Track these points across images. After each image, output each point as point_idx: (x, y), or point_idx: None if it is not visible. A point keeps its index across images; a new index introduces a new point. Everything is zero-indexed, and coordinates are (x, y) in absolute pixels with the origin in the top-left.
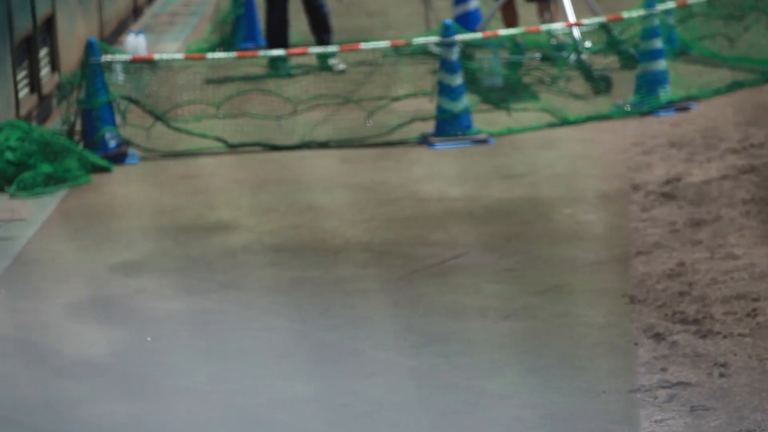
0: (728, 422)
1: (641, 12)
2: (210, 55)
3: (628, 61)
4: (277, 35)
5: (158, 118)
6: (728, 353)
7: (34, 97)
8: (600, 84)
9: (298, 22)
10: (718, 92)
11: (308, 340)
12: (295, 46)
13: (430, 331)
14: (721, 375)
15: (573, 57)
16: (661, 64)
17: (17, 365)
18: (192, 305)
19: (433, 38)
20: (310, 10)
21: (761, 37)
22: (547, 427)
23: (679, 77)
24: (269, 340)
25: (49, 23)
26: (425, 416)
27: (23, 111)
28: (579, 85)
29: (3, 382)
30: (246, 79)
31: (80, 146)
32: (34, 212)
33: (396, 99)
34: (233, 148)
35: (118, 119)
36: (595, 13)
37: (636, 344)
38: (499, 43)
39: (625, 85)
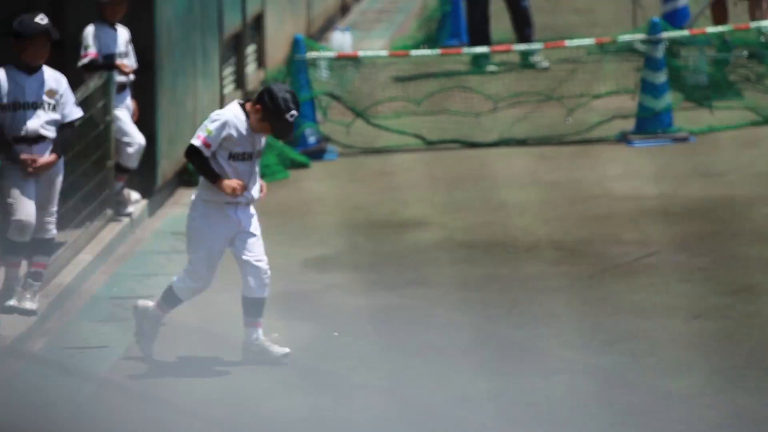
0: None
1: None
2: (414, 52)
3: None
4: (479, 32)
5: (359, 114)
6: None
7: (239, 94)
8: None
9: (503, 19)
10: None
11: (494, 337)
12: (499, 43)
13: (617, 329)
14: None
15: None
16: None
17: (203, 358)
18: (380, 301)
19: (639, 35)
20: (512, 5)
21: None
22: (732, 428)
23: None
24: (454, 337)
25: (258, 21)
26: (607, 415)
27: None
28: None
29: (190, 375)
30: (448, 75)
31: (280, 142)
32: None
33: (597, 96)
34: (431, 144)
35: (319, 116)
36: None
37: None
38: (706, 40)
39: None
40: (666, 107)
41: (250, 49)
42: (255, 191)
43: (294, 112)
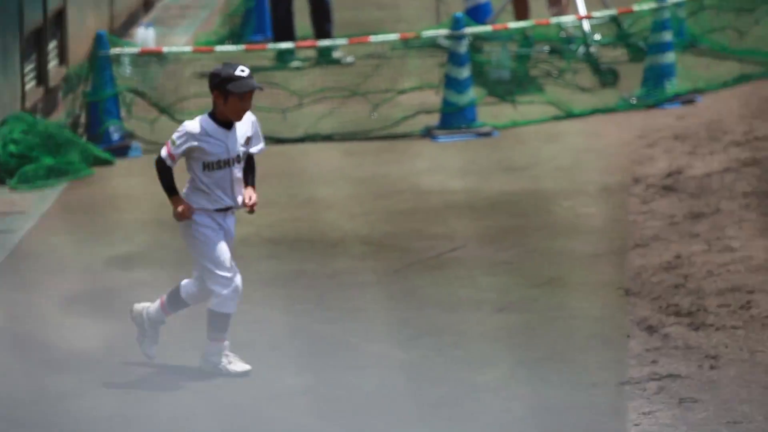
0: (716, 414)
1: (652, 5)
2: (219, 48)
3: (637, 54)
4: (284, 27)
5: (163, 110)
6: (720, 345)
7: (41, 90)
8: (607, 77)
9: (307, 14)
10: (724, 85)
11: (302, 332)
12: (303, 38)
13: (424, 323)
14: (712, 367)
15: (581, 50)
16: (670, 57)
17: (7, 358)
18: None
19: (443, 31)
20: (313, 0)
21: None
22: (536, 419)
23: (686, 70)
24: (262, 333)
25: (60, 16)
26: (415, 408)
27: (29, 103)
28: (586, 77)
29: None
30: (254, 71)
31: (83, 139)
32: (33, 205)
33: (402, 92)
34: None
35: (123, 112)
36: (605, 6)
37: (628, 337)
38: (508, 36)
39: (632, 78)
40: (470, 102)
41: (52, 45)
42: (239, 198)
43: (242, 66)
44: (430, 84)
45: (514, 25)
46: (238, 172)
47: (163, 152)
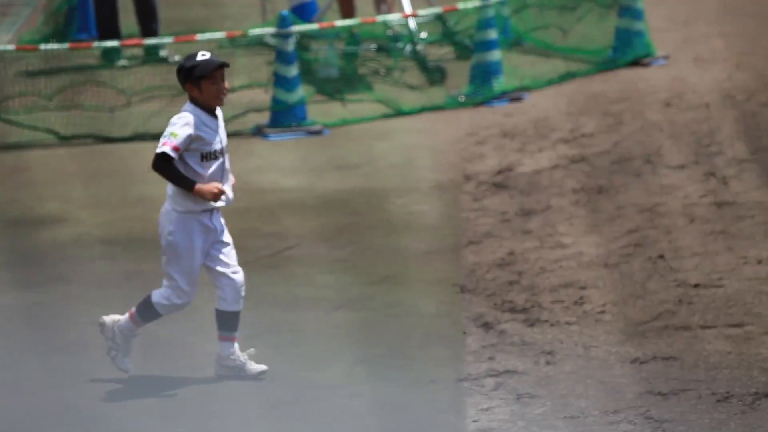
0: (553, 409)
1: (476, 3)
2: (43, 47)
3: (463, 52)
4: (108, 26)
5: None
6: (555, 341)
7: None
8: (435, 75)
9: (132, 12)
10: (550, 82)
11: (140, 333)
12: (129, 37)
13: (261, 322)
14: (548, 363)
15: (408, 48)
16: (495, 55)
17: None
18: (21, 299)
19: (270, 29)
20: None
21: (594, 28)
22: (376, 416)
23: (512, 68)
24: (98, 335)
25: None
26: (255, 408)
27: None
28: (414, 75)
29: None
30: (80, 70)
31: None
32: None
33: (231, 90)
34: (65, 140)
35: None
36: (430, 4)
37: (465, 333)
38: (335, 34)
39: (459, 76)
40: (299, 100)
41: None
42: (230, 191)
43: (201, 51)
44: (259, 82)
45: (340, 23)
46: (227, 163)
47: (165, 148)
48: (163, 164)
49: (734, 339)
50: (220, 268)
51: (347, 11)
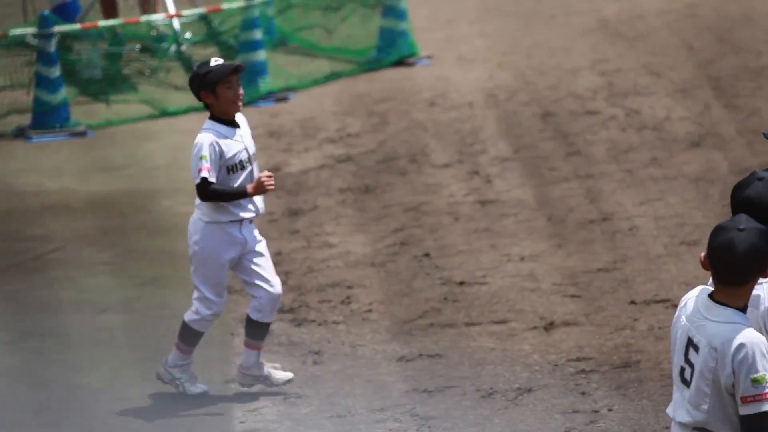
0: (320, 408)
1: (241, 3)
2: None
3: (228, 52)
4: None
5: None
6: (322, 341)
7: None
8: None
9: None
10: (316, 83)
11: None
12: None
13: (25, 327)
14: (315, 362)
15: (173, 48)
16: (261, 55)
17: None
18: None
19: (30, 29)
20: None
21: (358, 28)
22: (143, 419)
23: (278, 68)
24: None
25: None
26: (16, 414)
27: None
28: (179, 76)
29: None
30: None
31: None
32: None
33: None
34: None
35: None
36: (194, 5)
37: (232, 335)
38: (98, 34)
39: None
40: (62, 101)
41: None
42: (261, 204)
43: (214, 58)
44: (21, 83)
45: (103, 23)
46: (257, 171)
47: (203, 173)
48: (208, 191)
49: (498, 336)
50: (257, 281)
51: (109, 11)
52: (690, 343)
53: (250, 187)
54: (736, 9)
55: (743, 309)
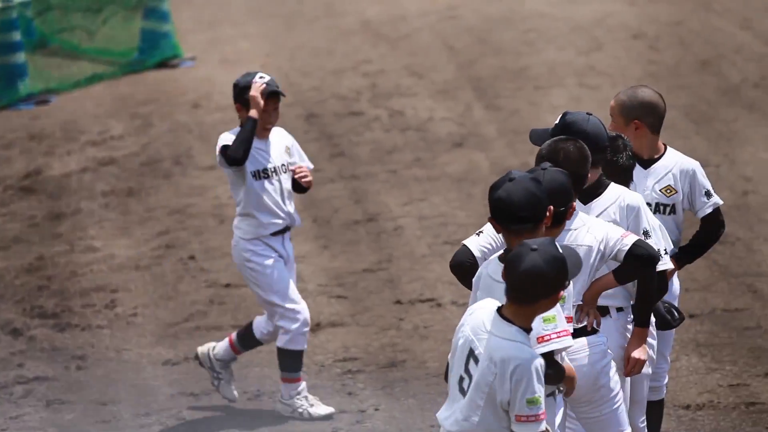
0: (84, 414)
1: None
2: None
3: None
4: None
5: None
6: (86, 345)
7: None
8: None
9: None
10: (77, 85)
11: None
12: None
13: None
14: (79, 368)
15: None
16: (20, 57)
17: None
18: None
19: None
20: None
21: (119, 30)
22: None
23: (38, 70)
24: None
25: None
26: None
27: None
28: None
29: None
30: None
31: None
32: None
33: None
34: None
35: None
36: None
37: None
38: None
39: None
40: None
41: None
42: (294, 214)
43: (260, 73)
44: None
45: None
46: (287, 183)
47: (222, 144)
48: (228, 155)
49: None
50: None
51: None
52: (471, 354)
53: (250, 116)
54: (495, 11)
55: (527, 329)
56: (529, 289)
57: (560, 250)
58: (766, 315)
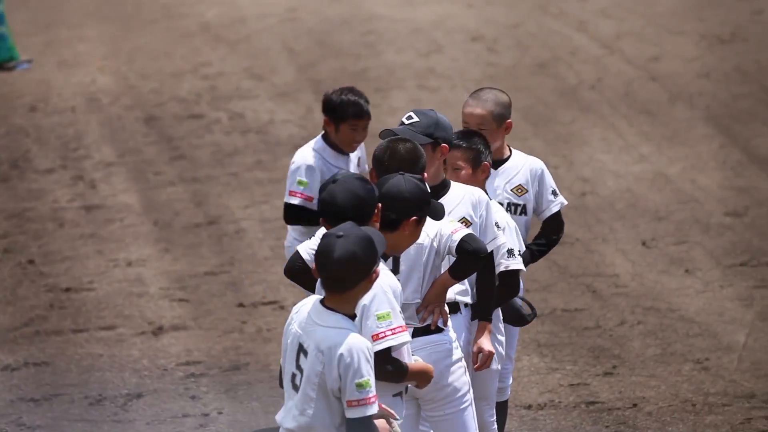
0: None
1: None
2: None
3: None
4: None
5: None
6: None
7: None
8: None
9: None
10: None
11: None
12: None
13: None
14: None
15: None
16: None
17: None
18: None
19: None
20: None
21: None
22: None
23: None
24: None
25: None
26: None
27: None
28: None
29: None
30: None
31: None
32: None
33: None
34: None
35: None
36: None
37: None
38: None
39: None
40: None
41: None
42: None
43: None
44: None
45: None
46: None
47: (294, 200)
48: (290, 216)
49: (106, 342)
50: None
51: None
52: (301, 349)
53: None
54: (335, 13)
55: (351, 315)
56: (346, 275)
57: (363, 231)
58: (604, 315)
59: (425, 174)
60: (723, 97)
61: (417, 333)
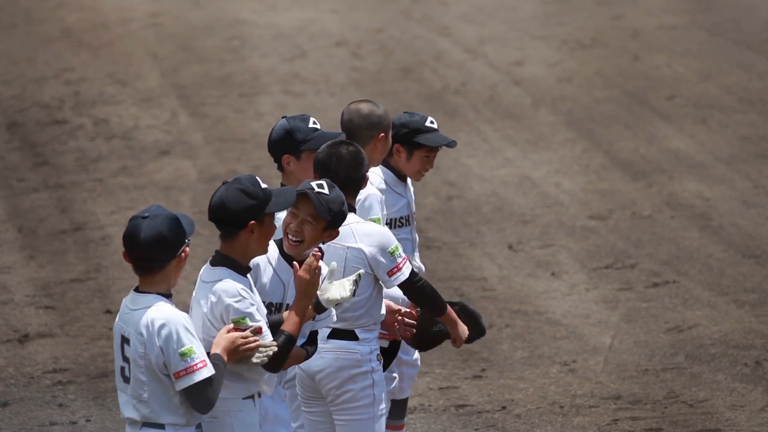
0: None
1: None
2: None
3: None
4: None
5: None
6: None
7: None
8: None
9: None
10: None
11: None
12: None
13: None
14: None
15: None
16: None
17: None
18: None
19: None
20: None
21: None
22: None
23: None
24: None
25: None
26: None
27: None
28: None
29: None
30: None
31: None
32: None
33: None
34: None
35: None
36: None
37: None
38: None
39: None
40: None
41: None
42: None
43: (430, 117)
44: None
45: None
46: (414, 232)
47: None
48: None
49: None
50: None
51: None
52: (123, 340)
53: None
54: (198, 18)
55: (167, 294)
56: (155, 255)
57: (171, 212)
58: None
59: (367, 176)
60: (585, 102)
61: (332, 335)
